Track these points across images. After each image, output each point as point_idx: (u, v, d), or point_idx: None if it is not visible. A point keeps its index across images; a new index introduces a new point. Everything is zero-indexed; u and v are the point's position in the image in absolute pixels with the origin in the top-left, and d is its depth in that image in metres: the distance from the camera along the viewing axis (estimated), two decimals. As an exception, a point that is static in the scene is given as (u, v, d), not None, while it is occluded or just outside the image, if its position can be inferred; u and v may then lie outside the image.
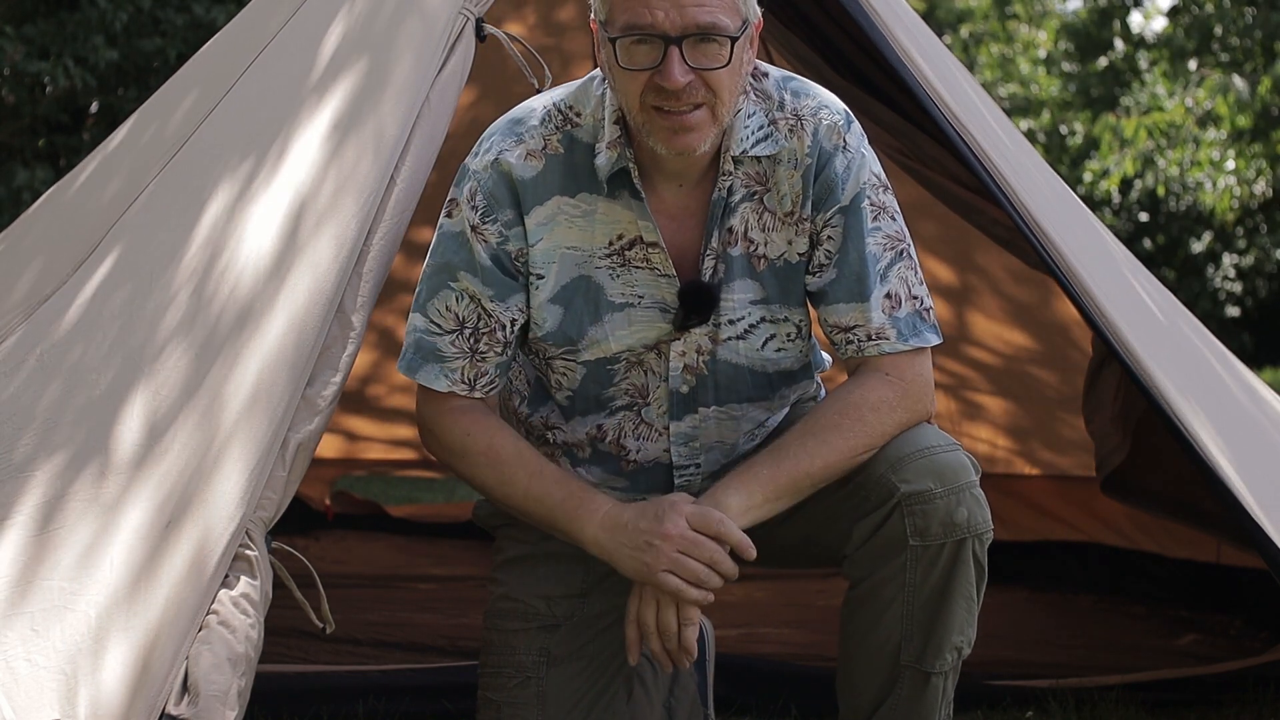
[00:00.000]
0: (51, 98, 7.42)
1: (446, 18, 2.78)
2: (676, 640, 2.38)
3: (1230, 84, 14.11)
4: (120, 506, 2.31)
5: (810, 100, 2.46)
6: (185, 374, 2.46)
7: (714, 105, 2.33)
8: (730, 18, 2.31)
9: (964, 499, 2.38)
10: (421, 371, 2.48)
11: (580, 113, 2.45)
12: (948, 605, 2.40)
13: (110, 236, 2.80)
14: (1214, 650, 3.86)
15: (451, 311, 2.46)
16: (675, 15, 2.29)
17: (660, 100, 2.32)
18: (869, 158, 2.48)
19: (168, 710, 2.12)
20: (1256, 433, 3.24)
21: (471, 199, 2.44)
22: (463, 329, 2.45)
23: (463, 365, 2.46)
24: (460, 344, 2.46)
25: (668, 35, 2.29)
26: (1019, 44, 18.88)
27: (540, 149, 2.44)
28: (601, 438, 2.53)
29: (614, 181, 2.43)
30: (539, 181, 2.43)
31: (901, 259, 2.47)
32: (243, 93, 2.97)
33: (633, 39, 2.31)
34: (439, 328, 2.46)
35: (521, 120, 2.46)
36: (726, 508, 2.37)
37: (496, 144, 2.45)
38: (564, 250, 2.45)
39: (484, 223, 2.43)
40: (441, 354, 2.46)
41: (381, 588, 4.52)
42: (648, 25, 2.29)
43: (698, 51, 2.30)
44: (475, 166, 2.45)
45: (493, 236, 2.44)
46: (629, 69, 2.32)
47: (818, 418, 2.42)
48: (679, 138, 2.34)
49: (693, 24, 2.29)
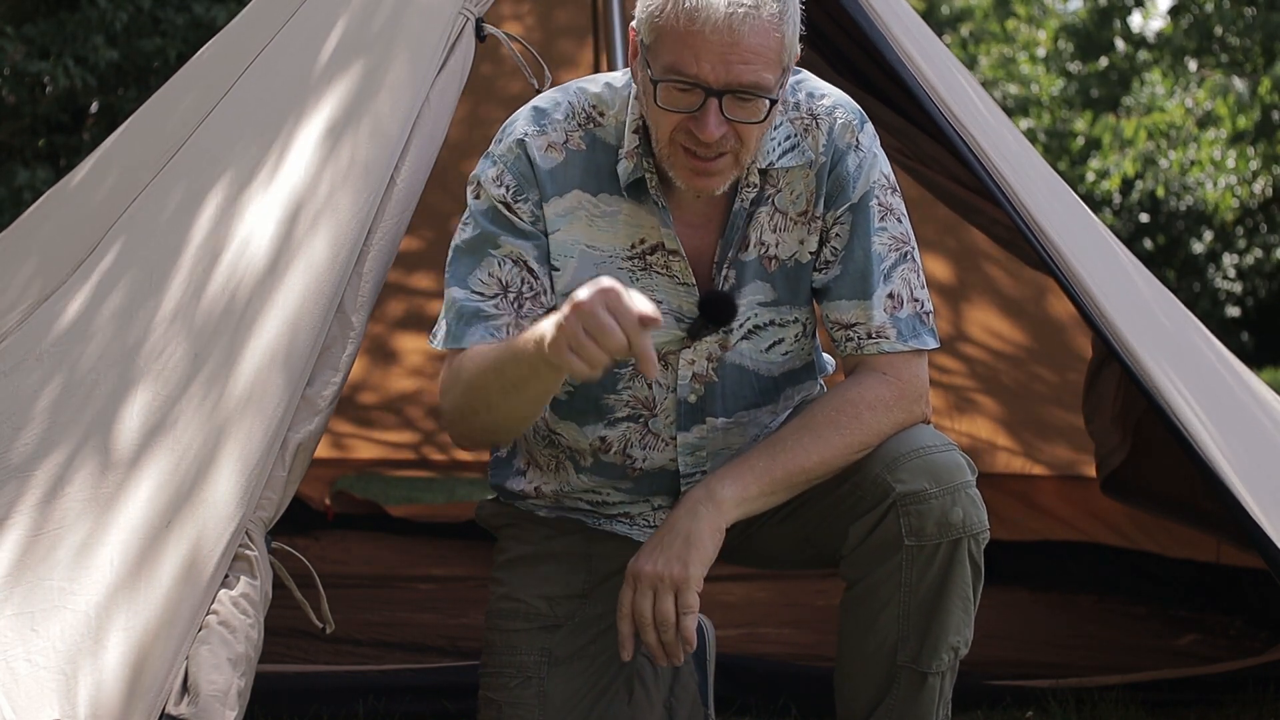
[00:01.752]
0: (51, 98, 7.42)
1: (446, 18, 2.78)
2: (674, 632, 2.37)
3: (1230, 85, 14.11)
4: (120, 506, 2.31)
5: (825, 100, 2.47)
6: (185, 374, 2.46)
7: (739, 153, 2.34)
8: (773, 73, 2.30)
9: (959, 499, 2.38)
10: (468, 335, 2.38)
11: (604, 113, 2.45)
12: (944, 605, 2.40)
13: (110, 236, 2.80)
14: (1214, 650, 3.86)
15: (494, 277, 2.41)
16: (721, 70, 2.27)
17: (690, 143, 2.32)
18: (881, 158, 2.49)
19: (168, 710, 2.12)
20: (1256, 433, 3.24)
21: (500, 180, 2.42)
22: (506, 293, 2.41)
23: (508, 324, 2.39)
24: (505, 306, 2.40)
25: (710, 88, 2.28)
26: (1020, 44, 18.87)
27: (562, 143, 2.44)
28: (606, 449, 2.53)
29: (634, 188, 2.43)
30: (558, 174, 2.43)
31: (905, 261, 2.48)
32: (242, 93, 2.97)
33: (675, 85, 2.30)
34: (482, 294, 2.40)
35: (546, 112, 2.46)
36: (722, 499, 2.37)
37: (520, 129, 2.44)
38: (583, 247, 2.44)
39: (516, 201, 2.42)
40: (487, 314, 2.40)
41: (381, 588, 4.51)
42: (692, 75, 2.28)
43: (737, 106, 2.30)
44: (499, 151, 2.44)
45: (525, 214, 2.42)
46: (665, 109, 2.32)
47: (815, 413, 2.42)
48: (700, 180, 2.35)
49: (736, 82, 2.28)
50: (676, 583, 2.35)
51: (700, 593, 2.37)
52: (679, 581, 2.35)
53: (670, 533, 2.38)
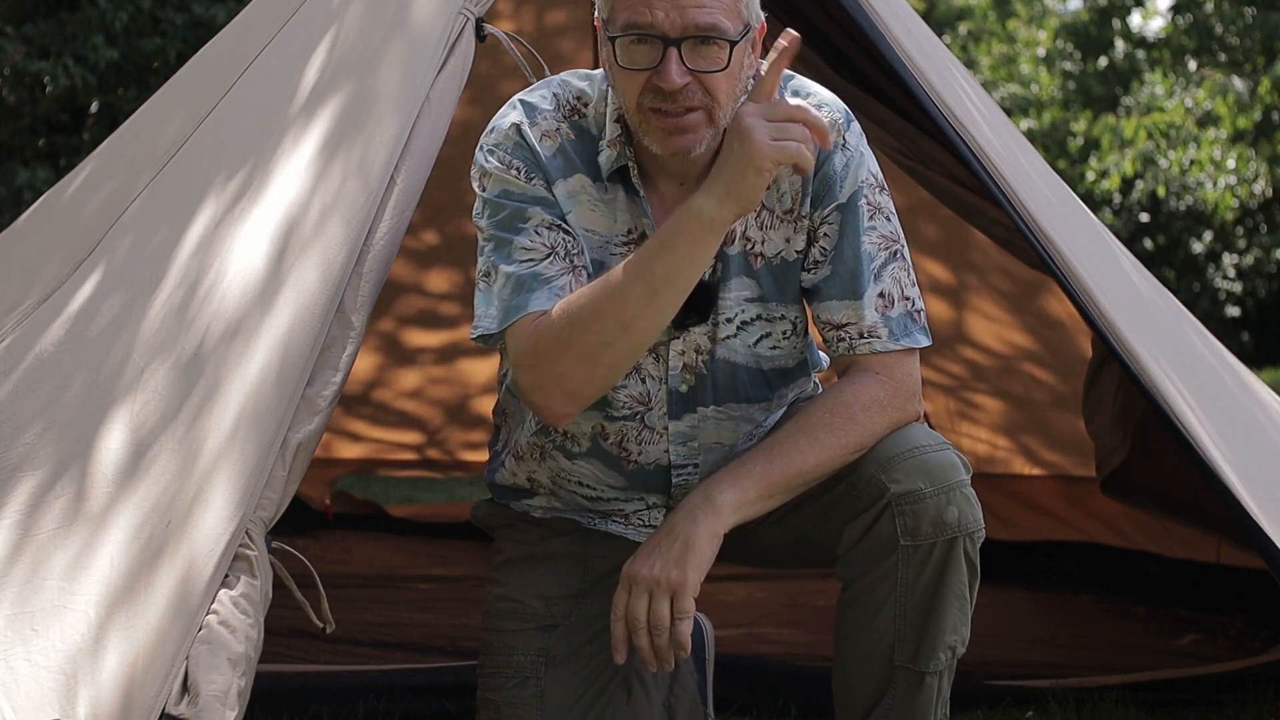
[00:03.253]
0: (51, 97, 7.43)
1: (446, 18, 2.78)
2: (667, 636, 2.36)
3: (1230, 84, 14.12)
4: (120, 506, 2.31)
5: (811, 99, 2.47)
6: (183, 376, 2.46)
7: (711, 109, 2.33)
8: (731, 21, 2.31)
9: (954, 498, 2.38)
10: (532, 301, 2.34)
11: (587, 104, 2.46)
12: (940, 605, 2.40)
13: (110, 236, 2.80)
14: (1214, 650, 3.86)
15: (536, 243, 2.38)
16: (675, 15, 2.29)
17: (657, 101, 2.32)
18: (868, 157, 2.48)
19: (168, 710, 2.12)
20: (1256, 433, 3.24)
21: (507, 166, 2.41)
22: (554, 252, 2.38)
23: (569, 280, 2.37)
24: (559, 264, 2.38)
25: (667, 36, 2.29)
26: (1020, 43, 18.88)
27: (554, 129, 2.44)
28: (605, 437, 2.53)
29: (615, 178, 2.44)
30: (557, 159, 2.43)
31: (895, 259, 2.48)
32: (243, 93, 2.97)
33: (632, 38, 2.31)
34: (533, 259, 2.38)
35: (533, 105, 2.46)
36: (720, 504, 2.37)
37: (513, 117, 2.45)
38: (584, 230, 2.44)
39: (528, 180, 2.41)
40: (546, 276, 2.37)
41: (381, 588, 4.52)
42: (647, 24, 2.30)
43: (696, 54, 2.30)
44: (496, 140, 2.43)
45: (540, 187, 2.41)
46: (628, 68, 2.33)
47: (810, 415, 2.42)
48: (674, 139, 2.34)
49: (692, 25, 2.29)
50: (673, 587, 2.34)
51: (696, 597, 2.37)
52: (676, 586, 2.34)
53: (668, 537, 2.37)
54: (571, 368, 2.34)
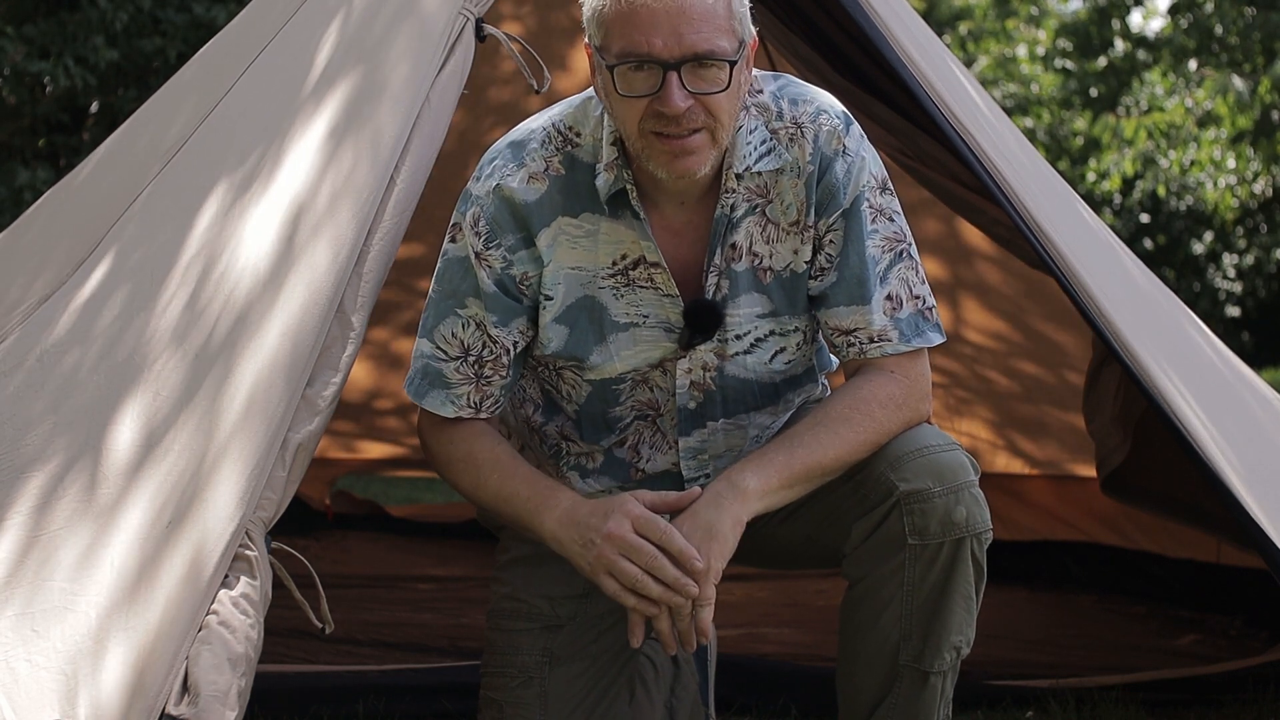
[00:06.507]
0: (51, 98, 7.43)
1: (446, 18, 2.78)
2: (689, 621, 2.35)
3: (1230, 84, 14.12)
4: (120, 507, 2.31)
5: (808, 106, 2.45)
6: (185, 375, 2.46)
7: (713, 129, 2.33)
8: (728, 40, 2.30)
9: (963, 498, 2.38)
10: (429, 398, 2.50)
11: (580, 133, 2.45)
12: (946, 604, 2.40)
13: (110, 236, 2.80)
14: (1214, 650, 3.86)
15: (457, 338, 2.47)
16: (673, 42, 2.28)
17: (659, 126, 2.32)
18: (869, 159, 2.47)
19: (168, 710, 2.12)
20: (1257, 433, 3.24)
21: (475, 225, 2.44)
22: (467, 355, 2.47)
23: (468, 391, 2.48)
24: (465, 370, 2.48)
25: (666, 62, 2.28)
26: (1020, 43, 18.87)
27: (542, 171, 2.44)
28: (621, 443, 2.53)
29: (615, 201, 2.43)
30: (543, 204, 2.43)
31: (901, 259, 2.47)
32: (242, 93, 2.97)
33: (630, 66, 2.30)
34: (445, 354, 2.48)
35: (522, 144, 2.46)
36: (745, 489, 2.36)
37: (499, 169, 2.45)
38: (567, 270, 2.45)
39: (487, 249, 2.44)
40: (448, 381, 2.48)
41: (381, 588, 4.52)
42: (645, 53, 2.29)
43: (696, 77, 2.30)
44: (478, 192, 2.45)
45: (497, 262, 2.44)
46: (627, 96, 2.32)
47: (828, 410, 2.42)
48: (679, 161, 2.34)
49: (690, 50, 2.28)
50: (695, 574, 2.35)
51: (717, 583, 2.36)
52: (698, 573, 2.35)
53: (691, 523, 2.36)
54: (453, 480, 2.55)
